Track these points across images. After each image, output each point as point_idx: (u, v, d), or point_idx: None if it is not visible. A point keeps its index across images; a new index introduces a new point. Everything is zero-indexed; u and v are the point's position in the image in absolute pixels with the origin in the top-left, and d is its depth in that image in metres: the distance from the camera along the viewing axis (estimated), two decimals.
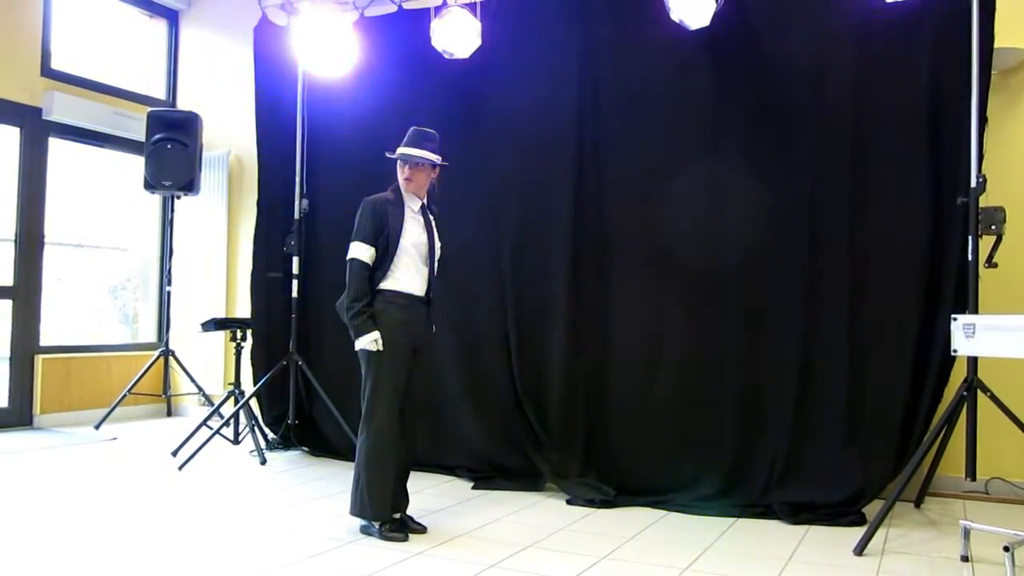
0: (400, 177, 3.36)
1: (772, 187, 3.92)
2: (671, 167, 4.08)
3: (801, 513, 3.67)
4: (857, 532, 3.42)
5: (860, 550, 3.21)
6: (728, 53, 4.00)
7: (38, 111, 5.90)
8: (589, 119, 4.26)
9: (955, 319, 3.23)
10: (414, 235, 3.31)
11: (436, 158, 3.36)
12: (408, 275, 3.30)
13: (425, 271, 3.34)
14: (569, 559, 3.10)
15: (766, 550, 3.26)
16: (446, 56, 4.35)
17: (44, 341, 5.98)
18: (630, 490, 3.98)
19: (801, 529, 3.57)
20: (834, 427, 3.76)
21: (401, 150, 3.34)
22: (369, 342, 3.20)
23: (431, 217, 3.42)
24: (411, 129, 3.39)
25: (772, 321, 3.90)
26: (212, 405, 5.76)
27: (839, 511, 3.65)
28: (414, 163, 3.32)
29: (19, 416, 5.77)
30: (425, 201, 3.43)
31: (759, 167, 3.94)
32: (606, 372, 4.18)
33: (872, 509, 3.63)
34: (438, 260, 3.41)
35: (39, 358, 5.87)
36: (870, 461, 3.69)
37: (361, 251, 3.27)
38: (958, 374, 3.56)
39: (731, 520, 3.70)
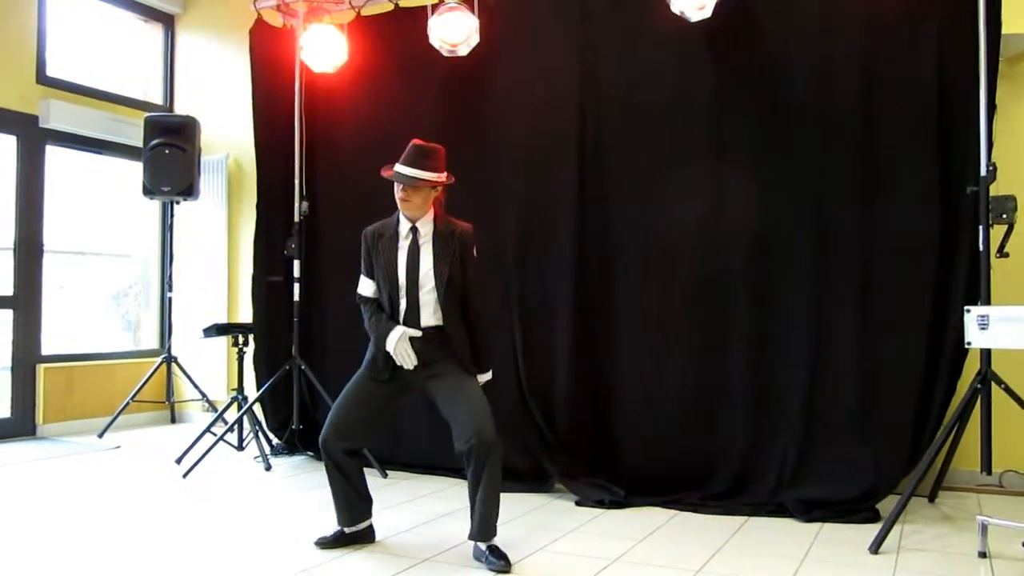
0: (396, 196, 3.12)
1: (778, 182, 3.86)
2: (675, 164, 4.02)
3: (813, 511, 3.62)
4: (871, 529, 3.37)
5: (876, 548, 3.16)
6: (731, 45, 3.94)
7: (34, 119, 5.85)
8: (591, 115, 4.20)
9: (968, 311, 3.18)
10: (399, 265, 3.10)
11: (433, 177, 3.08)
12: (391, 308, 3.13)
13: (403, 303, 3.08)
14: (581, 561, 3.05)
15: (780, 549, 3.21)
16: (445, 54, 4.30)
17: (45, 350, 5.93)
18: (640, 490, 3.93)
19: (814, 527, 3.52)
20: (846, 423, 3.71)
21: (396, 168, 3.08)
22: (395, 342, 3.06)
23: (433, 240, 3.11)
24: (410, 145, 3.12)
25: (780, 318, 3.84)
26: (215, 411, 5.71)
27: (852, 508, 3.60)
28: (408, 184, 3.07)
29: (22, 426, 5.73)
30: (435, 222, 3.14)
31: (764, 162, 3.88)
32: (613, 371, 4.12)
33: (885, 505, 3.59)
34: (444, 283, 3.07)
35: (41, 367, 5.83)
36: (883, 456, 3.64)
37: (362, 286, 3.24)
38: (970, 367, 3.51)
39: (742, 519, 3.65)
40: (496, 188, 4.36)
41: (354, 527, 3.22)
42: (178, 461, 4.73)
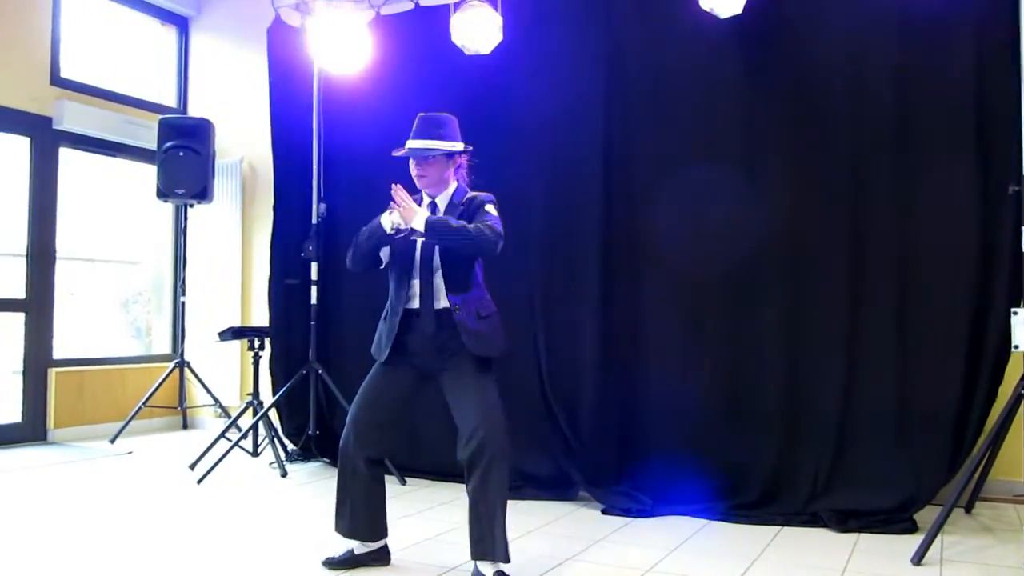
0: (412, 174, 2.94)
1: (811, 182, 3.76)
2: (704, 163, 3.92)
3: (849, 521, 3.50)
4: (909, 540, 3.27)
5: (918, 559, 3.05)
6: (761, 42, 3.84)
7: (48, 120, 5.79)
8: (617, 113, 4.11)
9: (1015, 313, 3.07)
10: (416, 243, 2.87)
11: (447, 145, 2.89)
12: (393, 285, 2.94)
13: (416, 282, 2.86)
14: (613, 571, 2.95)
15: (818, 559, 3.10)
16: (466, 52, 4.21)
17: (57, 354, 5.86)
18: (667, 498, 3.82)
19: (850, 538, 3.40)
20: (882, 430, 3.59)
21: (407, 144, 2.91)
22: (386, 219, 2.82)
23: (446, 213, 2.89)
24: (418, 116, 2.95)
25: (814, 320, 3.73)
26: (228, 417, 5.63)
27: (890, 518, 3.48)
28: (420, 157, 2.90)
29: (33, 431, 5.65)
30: (452, 194, 2.94)
31: (796, 161, 3.78)
32: (640, 376, 4.01)
33: (921, 515, 3.48)
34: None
35: (52, 371, 5.75)
36: (921, 465, 3.52)
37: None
38: (1011, 373, 3.40)
39: (775, 529, 3.54)
40: (520, 188, 4.24)
41: (369, 545, 2.99)
42: (192, 467, 4.64)
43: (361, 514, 2.95)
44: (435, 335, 2.84)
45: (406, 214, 2.79)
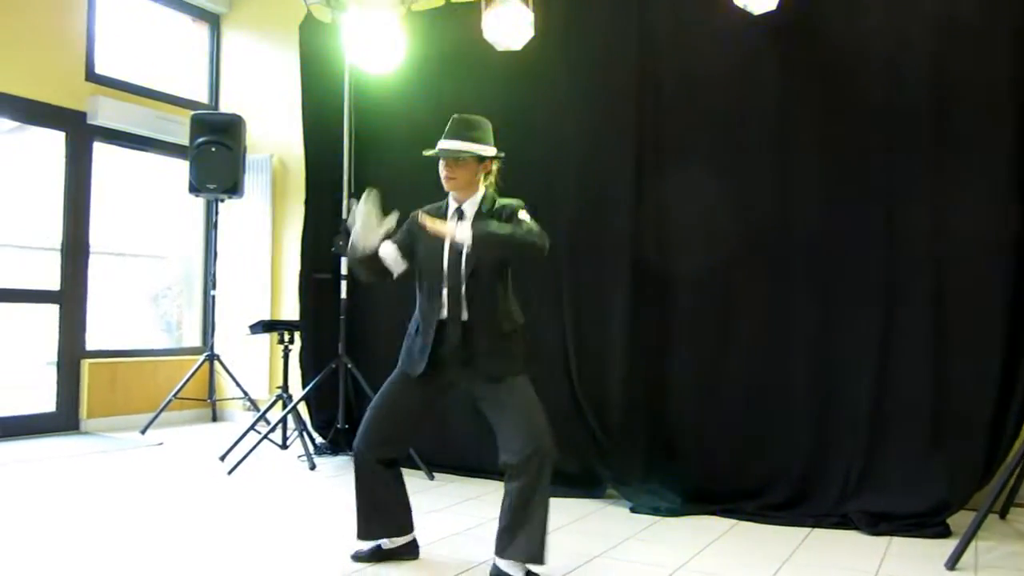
0: (441, 175, 2.86)
1: (844, 179, 3.71)
2: (736, 159, 3.89)
3: (880, 523, 3.46)
4: (942, 544, 3.23)
5: (952, 564, 3.01)
6: (795, 39, 3.80)
7: (83, 116, 5.87)
8: (649, 109, 4.08)
9: None
10: (443, 251, 2.81)
11: (479, 149, 2.82)
12: (423, 296, 2.87)
13: (445, 294, 2.79)
14: (642, 570, 2.94)
15: (850, 562, 3.07)
16: (498, 48, 4.21)
17: (89, 346, 5.94)
18: (695, 498, 3.80)
19: (882, 541, 3.36)
20: (915, 432, 3.54)
21: (439, 144, 2.84)
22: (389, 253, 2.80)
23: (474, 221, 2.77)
24: (452, 118, 2.90)
25: (846, 319, 3.68)
26: (257, 410, 5.68)
27: (923, 521, 3.44)
28: (452, 158, 2.83)
29: (66, 421, 5.73)
30: (481, 201, 2.86)
31: (830, 156, 3.73)
32: (669, 372, 3.99)
33: (954, 520, 3.43)
34: (471, 268, 2.78)
35: (85, 363, 5.84)
36: (955, 468, 3.46)
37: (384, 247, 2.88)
38: None
39: (805, 530, 3.51)
40: (550, 182, 4.24)
41: (396, 540, 2.97)
42: (222, 458, 4.69)
43: (384, 512, 2.94)
44: (462, 347, 2.78)
45: (444, 233, 2.71)
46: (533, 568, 2.73)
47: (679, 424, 3.96)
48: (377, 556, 2.97)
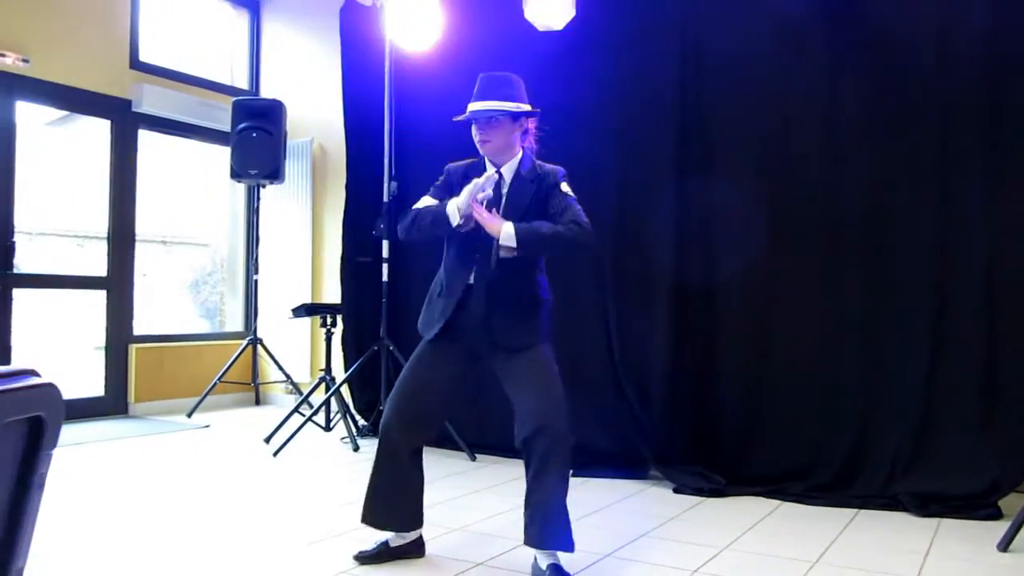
0: (475, 140, 2.70)
1: (897, 158, 3.63)
2: (783, 139, 3.84)
3: (930, 505, 3.42)
4: (993, 526, 3.18)
5: (1004, 546, 2.96)
6: (844, 14, 3.72)
7: (128, 103, 5.96)
8: (691, 89, 4.03)
9: None
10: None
11: (511, 107, 2.63)
12: (452, 256, 2.75)
13: (475, 257, 2.67)
14: (688, 548, 2.93)
15: (899, 543, 3.04)
16: (539, 28, 4.19)
17: (136, 332, 6.06)
18: (739, 478, 3.78)
19: (931, 522, 3.32)
20: (968, 412, 3.47)
21: (469, 107, 2.66)
22: (453, 209, 2.60)
23: (511, 186, 2.69)
24: (480, 76, 2.70)
25: (898, 297, 3.61)
26: (300, 393, 5.75)
27: (973, 503, 3.38)
28: (484, 119, 2.66)
29: (115, 404, 5.86)
30: (519, 164, 2.71)
31: (882, 137, 3.66)
32: (713, 351, 3.95)
33: (1005, 502, 3.37)
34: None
35: (133, 347, 5.95)
36: (1007, 449, 3.40)
37: (421, 201, 2.75)
38: None
39: (852, 511, 3.47)
40: (592, 162, 4.20)
41: (405, 536, 2.80)
42: (267, 440, 4.76)
43: (400, 503, 2.78)
44: (487, 317, 2.65)
45: (490, 228, 2.58)
46: (562, 555, 2.60)
47: (724, 404, 3.92)
48: (385, 554, 2.77)
